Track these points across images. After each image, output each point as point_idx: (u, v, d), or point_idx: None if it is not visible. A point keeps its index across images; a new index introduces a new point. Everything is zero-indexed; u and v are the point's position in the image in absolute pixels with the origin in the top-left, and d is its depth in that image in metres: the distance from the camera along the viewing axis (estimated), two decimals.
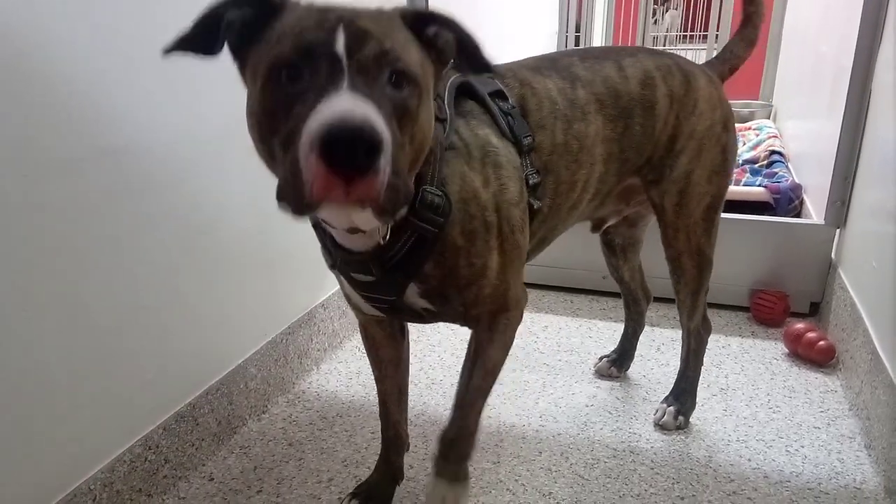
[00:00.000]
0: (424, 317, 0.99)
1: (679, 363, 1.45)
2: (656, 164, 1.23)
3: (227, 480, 1.28)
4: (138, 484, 1.17)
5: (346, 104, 0.63)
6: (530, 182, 1.00)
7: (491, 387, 1.05)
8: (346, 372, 1.65)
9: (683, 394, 1.45)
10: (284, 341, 1.55)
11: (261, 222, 1.42)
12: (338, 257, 0.92)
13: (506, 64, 1.10)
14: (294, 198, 0.65)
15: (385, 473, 1.21)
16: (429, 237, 0.87)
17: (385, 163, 0.63)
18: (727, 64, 1.35)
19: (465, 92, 0.97)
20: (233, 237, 1.35)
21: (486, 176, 0.93)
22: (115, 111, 1.04)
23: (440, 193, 0.86)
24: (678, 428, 1.41)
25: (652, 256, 1.99)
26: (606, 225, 1.44)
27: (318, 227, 0.93)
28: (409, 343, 1.18)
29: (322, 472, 1.30)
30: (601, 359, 1.66)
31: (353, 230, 0.83)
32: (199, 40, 0.76)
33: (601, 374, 1.63)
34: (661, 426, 1.42)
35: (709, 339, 1.43)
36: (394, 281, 0.91)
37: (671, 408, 1.43)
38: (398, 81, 0.70)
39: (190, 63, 1.17)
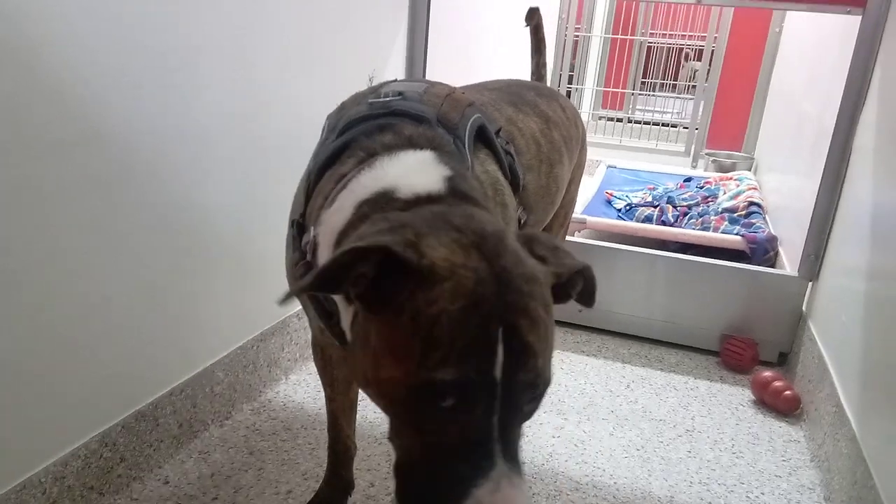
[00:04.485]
0: None
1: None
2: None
3: (182, 485, 1.25)
4: (91, 481, 1.13)
5: None
6: (521, 221, 1.02)
7: None
8: (315, 384, 1.63)
9: None
10: (255, 348, 1.53)
11: (240, 225, 1.41)
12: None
13: (481, 94, 1.10)
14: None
15: (336, 486, 1.19)
16: None
17: None
18: None
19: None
20: (211, 237, 1.34)
21: (496, 216, 0.92)
22: (102, 99, 1.03)
23: None
24: None
25: (621, 293, 2.01)
26: None
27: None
28: None
29: (281, 483, 1.28)
30: None
31: None
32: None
33: None
34: None
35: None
36: None
37: None
38: (537, 398, 0.66)
39: (182, 58, 1.17)
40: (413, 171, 0.76)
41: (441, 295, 0.60)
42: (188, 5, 1.16)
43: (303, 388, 1.62)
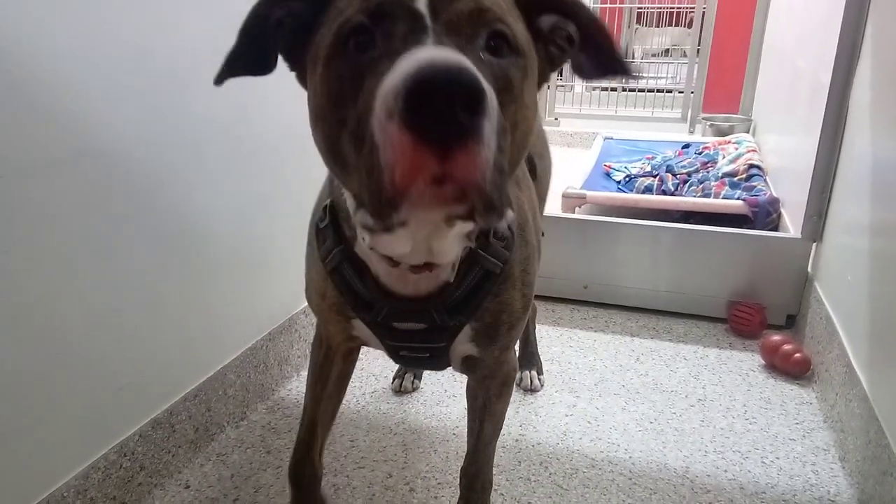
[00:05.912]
0: (449, 366, 0.88)
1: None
2: None
3: (203, 488, 1.26)
4: (112, 491, 1.15)
5: (432, 51, 0.46)
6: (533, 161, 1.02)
7: (500, 430, 1.05)
8: None
9: (533, 356, 1.64)
10: (265, 348, 1.54)
11: (241, 226, 1.41)
12: (384, 308, 0.76)
13: None
14: (371, 197, 0.47)
15: None
16: (496, 272, 0.76)
17: (490, 130, 0.45)
18: None
19: None
20: (212, 241, 1.34)
21: (528, 197, 0.90)
22: (94, 112, 1.03)
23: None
24: (541, 385, 1.61)
25: (626, 266, 2.01)
26: None
27: (340, 273, 0.76)
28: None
29: None
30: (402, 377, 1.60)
31: (420, 268, 0.68)
32: (250, 56, 0.63)
33: (406, 391, 1.59)
34: (532, 390, 1.59)
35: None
36: (451, 325, 0.77)
37: (533, 371, 1.61)
38: (498, 47, 0.54)
39: (170, 64, 1.17)
40: None
41: None
42: (172, 7, 1.15)
43: None
